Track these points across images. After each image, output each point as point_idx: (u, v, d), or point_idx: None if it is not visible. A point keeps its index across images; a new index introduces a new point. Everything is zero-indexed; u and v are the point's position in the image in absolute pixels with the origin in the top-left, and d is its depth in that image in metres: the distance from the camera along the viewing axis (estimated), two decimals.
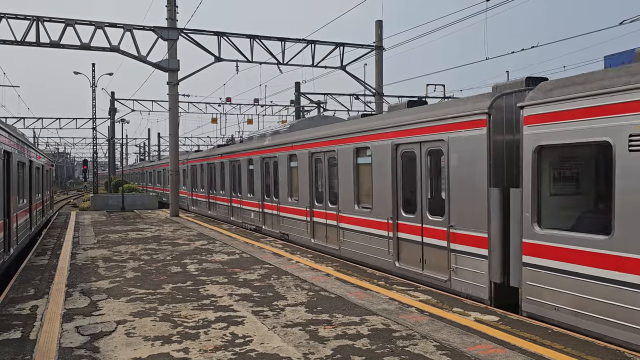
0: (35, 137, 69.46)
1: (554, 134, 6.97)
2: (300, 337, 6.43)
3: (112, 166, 51.52)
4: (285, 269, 10.96)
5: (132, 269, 11.14)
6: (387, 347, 6.01)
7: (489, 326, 6.75)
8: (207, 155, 26.25)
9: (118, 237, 17.00)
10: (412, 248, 10.15)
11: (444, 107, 9.50)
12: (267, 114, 48.42)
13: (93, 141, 44.43)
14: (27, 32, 21.04)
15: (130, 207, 31.73)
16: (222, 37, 23.96)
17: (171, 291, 9.02)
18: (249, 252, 13.40)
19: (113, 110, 48.61)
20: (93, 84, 41.66)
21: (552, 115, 7.02)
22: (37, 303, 8.34)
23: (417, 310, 7.60)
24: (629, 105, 6.02)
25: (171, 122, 25.03)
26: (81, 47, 21.91)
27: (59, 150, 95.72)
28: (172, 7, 23.88)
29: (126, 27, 22.55)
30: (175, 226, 20.31)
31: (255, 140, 19.66)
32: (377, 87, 27.81)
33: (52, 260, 12.62)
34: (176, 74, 24.17)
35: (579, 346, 5.95)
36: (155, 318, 7.35)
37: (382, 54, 27.35)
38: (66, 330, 6.83)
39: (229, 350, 6.00)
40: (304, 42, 25.39)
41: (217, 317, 7.35)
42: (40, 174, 21.24)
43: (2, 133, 11.22)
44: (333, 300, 8.26)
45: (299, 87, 37.14)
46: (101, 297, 8.70)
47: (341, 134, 12.73)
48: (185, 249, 14.13)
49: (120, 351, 6.01)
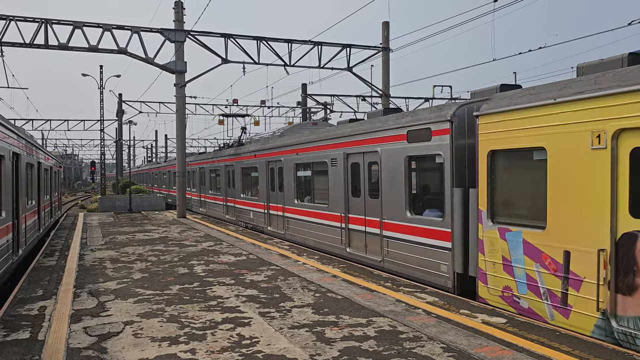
0: (43, 138, 69.97)
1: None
2: (307, 338, 6.44)
3: (120, 167, 51.75)
4: (291, 270, 10.97)
5: (140, 270, 11.19)
6: (394, 349, 6.00)
7: (496, 328, 6.73)
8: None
9: (125, 238, 17.07)
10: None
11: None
12: (273, 116, 48.59)
13: (101, 143, 44.70)
14: (36, 34, 21.20)
15: (138, 208, 31.87)
16: (229, 38, 24.04)
17: (178, 292, 9.05)
18: (256, 253, 13.42)
19: (121, 112, 48.87)
20: (101, 86, 41.91)
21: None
22: (46, 304, 8.39)
23: (424, 312, 7.58)
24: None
25: (178, 124, 25.12)
26: (89, 49, 22.04)
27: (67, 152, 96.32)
28: (179, 9, 23.98)
29: (134, 29, 22.67)
30: (182, 227, 20.37)
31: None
32: (383, 88, 27.79)
33: (60, 261, 12.70)
34: (183, 75, 24.26)
35: (586, 349, 5.91)
36: (163, 319, 7.38)
37: (388, 55, 27.34)
38: (74, 331, 6.87)
39: (235, 351, 6.02)
40: (311, 44, 25.42)
41: (224, 318, 7.36)
42: (49, 176, 21.37)
43: (11, 135, 11.30)
44: (340, 301, 8.26)
45: (305, 89, 37.19)
46: (109, 298, 8.74)
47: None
48: (192, 250, 14.17)
49: (128, 352, 6.03)
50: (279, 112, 54.47)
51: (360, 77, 27.52)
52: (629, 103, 6.18)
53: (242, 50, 24.27)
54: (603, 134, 6.51)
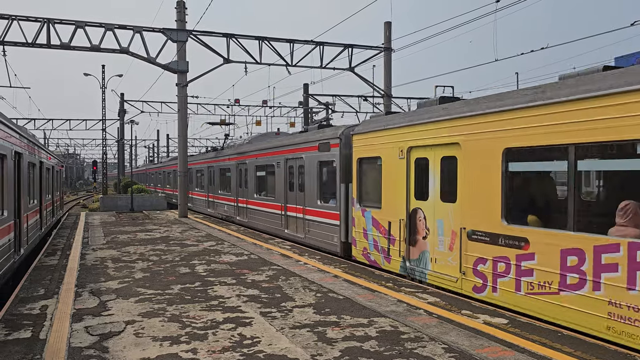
0: (45, 138, 70.06)
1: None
2: (308, 338, 6.43)
3: (122, 167, 51.79)
4: (293, 270, 10.97)
5: (141, 270, 11.19)
6: (395, 349, 6.00)
7: (498, 329, 6.72)
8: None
9: (127, 237, 17.09)
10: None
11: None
12: (275, 116, 48.58)
13: (103, 142, 44.72)
14: (38, 34, 21.23)
15: (139, 207, 31.89)
16: (231, 38, 24.04)
17: (180, 292, 9.06)
18: (257, 253, 13.42)
19: (122, 112, 48.84)
20: (103, 86, 41.95)
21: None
22: (47, 303, 8.40)
23: (425, 312, 7.58)
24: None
25: (180, 124, 25.14)
26: (91, 48, 22.06)
27: (68, 151, 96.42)
28: (181, 9, 23.99)
29: (136, 29, 22.69)
30: (184, 227, 20.38)
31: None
32: (385, 88, 27.77)
33: (62, 260, 12.71)
34: (185, 75, 24.28)
35: (588, 350, 5.90)
36: (164, 318, 7.38)
37: (390, 55, 27.31)
38: (75, 330, 6.87)
39: (237, 351, 6.01)
40: (313, 44, 25.41)
41: (225, 318, 7.36)
42: (51, 175, 21.40)
43: (13, 134, 11.30)
44: (341, 301, 8.26)
45: (307, 89, 37.16)
46: (110, 297, 8.74)
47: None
48: (194, 249, 14.18)
49: (129, 351, 6.03)
50: (280, 112, 54.56)
51: (362, 77, 27.51)
52: (414, 132, 10.19)
53: (244, 50, 24.27)
54: (403, 150, 10.54)
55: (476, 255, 8.54)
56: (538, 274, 7.36)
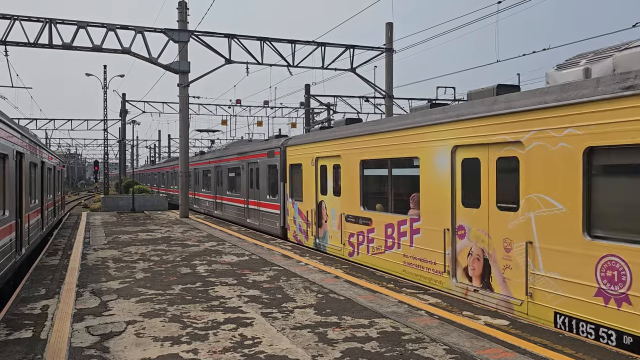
0: (47, 138, 70.13)
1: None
2: (309, 339, 6.43)
3: (123, 167, 51.82)
4: (294, 270, 10.97)
5: (142, 270, 11.20)
6: (396, 350, 5.99)
7: (499, 330, 6.71)
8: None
9: (128, 237, 17.09)
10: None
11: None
12: (277, 116, 48.54)
13: (104, 142, 44.75)
14: (40, 34, 21.25)
15: (141, 208, 31.90)
16: (232, 39, 24.05)
17: (180, 292, 9.06)
18: (258, 253, 13.42)
19: (124, 112, 48.87)
20: (105, 86, 41.97)
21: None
22: (48, 303, 8.41)
23: (426, 313, 7.57)
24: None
25: (181, 124, 25.15)
26: (93, 49, 22.08)
27: (70, 151, 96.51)
28: (182, 10, 24.01)
29: (137, 29, 22.71)
30: (185, 227, 20.39)
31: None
32: (387, 89, 27.77)
33: (63, 260, 12.72)
34: (187, 75, 24.29)
35: (590, 351, 5.89)
36: (165, 319, 7.38)
37: (392, 56, 27.32)
38: (77, 330, 6.88)
39: (237, 351, 6.01)
40: (314, 45, 25.41)
41: (226, 319, 7.36)
42: (52, 175, 21.42)
43: (14, 134, 11.32)
44: (342, 302, 8.25)
45: (308, 89, 37.16)
46: (111, 297, 8.75)
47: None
48: (195, 250, 14.19)
49: (130, 351, 6.03)
50: (282, 112, 54.52)
51: (364, 78, 27.51)
52: (318, 146, 14.40)
53: (245, 50, 24.28)
54: (313, 159, 14.83)
55: (349, 232, 12.75)
56: (376, 241, 11.54)
